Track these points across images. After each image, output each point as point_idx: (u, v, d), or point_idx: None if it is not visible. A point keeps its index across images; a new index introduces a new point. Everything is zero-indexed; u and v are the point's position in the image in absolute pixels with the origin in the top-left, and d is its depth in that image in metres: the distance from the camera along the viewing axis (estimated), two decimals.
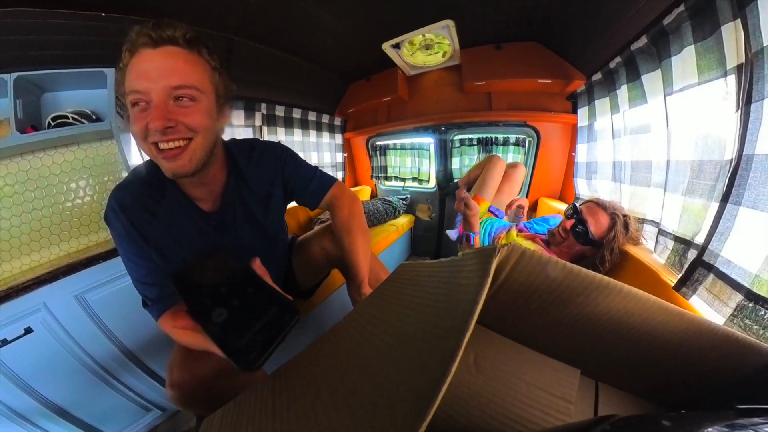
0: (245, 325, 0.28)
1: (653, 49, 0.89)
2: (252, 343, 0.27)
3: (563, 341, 0.37)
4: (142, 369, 1.05)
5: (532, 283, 0.28)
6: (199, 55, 0.51)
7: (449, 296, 0.28)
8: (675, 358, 0.35)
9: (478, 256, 0.26)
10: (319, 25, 1.40)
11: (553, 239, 0.99)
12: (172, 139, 0.49)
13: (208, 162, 0.56)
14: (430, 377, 0.20)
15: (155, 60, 0.47)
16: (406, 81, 1.96)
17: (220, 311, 0.28)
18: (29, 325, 0.84)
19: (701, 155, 0.72)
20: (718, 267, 0.59)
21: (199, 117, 0.51)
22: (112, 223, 0.57)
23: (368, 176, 2.44)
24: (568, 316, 0.32)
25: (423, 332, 0.27)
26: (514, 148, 1.77)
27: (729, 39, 0.64)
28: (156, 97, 0.47)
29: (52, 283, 0.88)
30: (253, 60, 1.52)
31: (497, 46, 1.56)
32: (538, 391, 0.38)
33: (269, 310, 0.29)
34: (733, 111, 0.63)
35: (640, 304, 0.30)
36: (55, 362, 0.89)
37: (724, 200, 0.60)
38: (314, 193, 0.75)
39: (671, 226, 0.79)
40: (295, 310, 0.30)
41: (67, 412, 0.92)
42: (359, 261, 0.74)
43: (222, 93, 0.56)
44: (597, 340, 0.34)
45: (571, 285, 0.27)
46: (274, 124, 1.84)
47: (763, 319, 0.50)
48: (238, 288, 0.31)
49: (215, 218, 0.65)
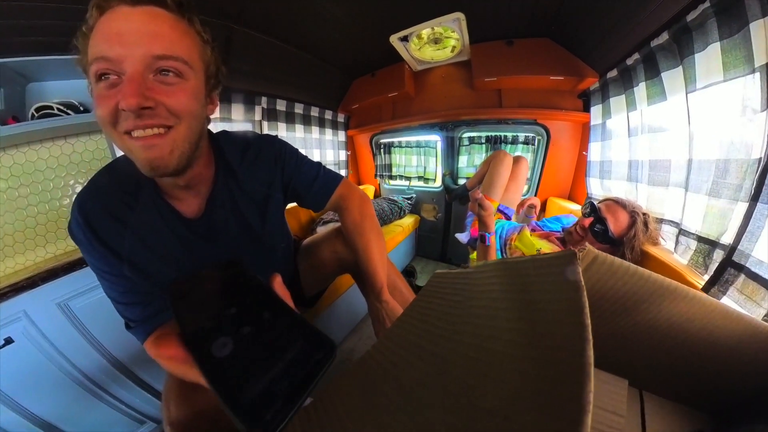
0: (259, 365, 0.19)
1: (674, 46, 0.88)
2: (269, 393, 0.18)
3: (614, 352, 0.35)
4: (133, 381, 0.99)
5: (600, 289, 0.27)
6: (189, 24, 0.42)
7: (529, 319, 0.22)
8: (727, 363, 0.34)
9: (555, 264, 0.23)
10: (323, 15, 1.33)
11: (570, 238, 0.98)
12: (149, 125, 0.38)
13: (192, 157, 0.45)
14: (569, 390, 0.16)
15: (134, 20, 0.36)
16: (412, 76, 1.92)
17: (223, 341, 0.20)
18: (9, 335, 0.78)
19: (726, 154, 0.70)
20: (749, 267, 0.58)
21: (184, 98, 0.40)
22: (76, 236, 0.48)
23: (372, 175, 2.40)
24: (627, 325, 0.30)
25: (520, 372, 0.20)
26: (523, 147, 1.75)
27: (758, 36, 0.63)
28: (131, 68, 0.36)
29: (32, 290, 0.81)
30: (254, 51, 1.43)
31: (509, 42, 1.54)
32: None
33: (293, 346, 0.20)
34: (760, 108, 0.62)
35: (703, 309, 0.29)
36: (39, 374, 0.83)
37: (753, 199, 0.59)
38: (319, 194, 0.67)
39: (694, 226, 0.78)
40: (332, 344, 0.21)
41: (55, 428, 0.86)
42: (376, 265, 0.68)
43: (213, 73, 0.46)
44: (652, 348, 0.33)
45: (640, 290, 0.26)
46: (275, 119, 1.79)
47: None
48: (251, 311, 0.23)
49: (201, 225, 0.54)
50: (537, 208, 1.29)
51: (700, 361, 0.34)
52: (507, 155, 1.32)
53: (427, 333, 0.31)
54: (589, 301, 0.29)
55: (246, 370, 0.19)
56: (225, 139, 0.57)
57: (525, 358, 0.20)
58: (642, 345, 0.32)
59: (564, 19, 1.31)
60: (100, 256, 0.48)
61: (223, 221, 0.56)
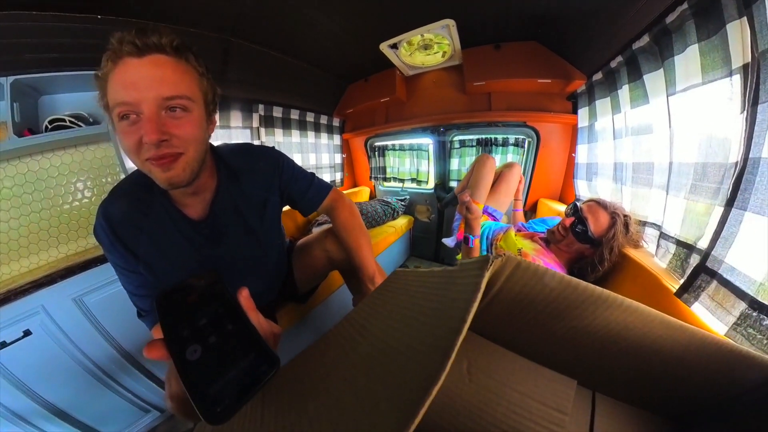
0: (219, 369, 0.24)
1: (655, 48, 0.88)
2: (222, 393, 0.23)
3: (560, 352, 0.35)
4: (140, 371, 1.05)
5: (528, 294, 0.27)
6: (186, 63, 0.49)
7: (439, 311, 0.27)
8: (676, 372, 0.33)
9: (471, 269, 0.24)
10: (315, 26, 1.39)
11: (553, 237, 0.97)
12: (165, 153, 0.48)
13: (200, 171, 0.55)
14: (410, 397, 0.19)
15: (142, 69, 0.45)
16: (404, 81, 1.94)
17: (195, 348, 0.25)
18: (28, 328, 0.84)
19: (705, 157, 0.70)
20: (721, 274, 0.57)
21: (191, 129, 0.50)
22: (100, 238, 0.57)
23: (367, 177, 2.42)
24: (564, 329, 0.30)
25: (409, 348, 0.26)
26: (513, 149, 1.75)
27: (734, 38, 0.62)
28: (147, 109, 0.45)
29: (50, 286, 0.88)
30: (250, 61, 1.51)
31: (496, 46, 1.54)
32: (531, 401, 0.36)
33: (246, 356, 0.25)
34: (738, 112, 0.61)
35: (640, 318, 0.28)
36: (53, 364, 0.89)
37: (728, 205, 0.58)
38: (312, 199, 0.76)
39: (673, 230, 0.77)
40: (275, 360, 0.26)
41: (66, 414, 0.92)
42: (365, 256, 0.77)
43: (210, 99, 0.55)
44: (594, 353, 0.33)
45: (569, 297, 0.26)
46: (271, 126, 1.84)
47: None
48: (218, 322, 0.27)
49: (206, 227, 0.63)
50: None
51: (648, 367, 0.33)
52: (489, 158, 1.33)
53: (367, 316, 0.37)
54: (517, 304, 0.30)
55: (208, 373, 0.24)
56: (226, 150, 0.67)
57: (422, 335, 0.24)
58: (587, 349, 0.32)
59: (550, 22, 1.31)
60: (120, 255, 0.56)
61: (226, 222, 0.64)
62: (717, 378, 0.33)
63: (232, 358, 0.25)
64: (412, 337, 0.26)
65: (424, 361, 0.22)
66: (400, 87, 1.91)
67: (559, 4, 1.19)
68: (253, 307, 0.32)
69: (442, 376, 0.18)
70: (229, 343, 0.26)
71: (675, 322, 0.29)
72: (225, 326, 0.27)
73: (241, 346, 0.26)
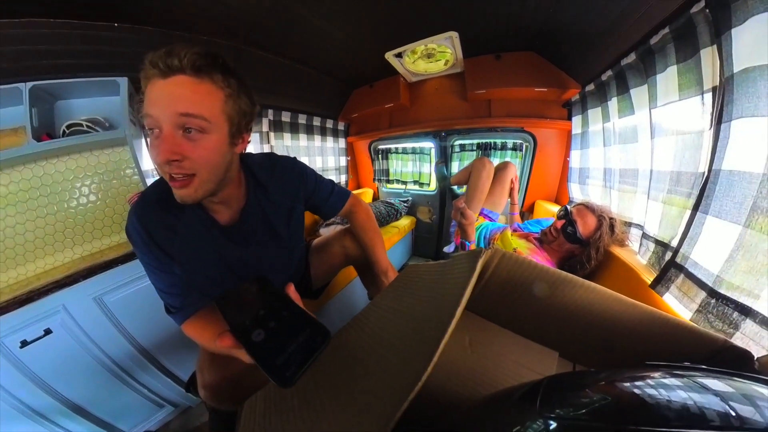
0: (282, 345, 0.30)
1: (641, 65, 0.96)
2: (288, 362, 0.29)
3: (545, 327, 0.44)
4: (157, 367, 1.09)
5: (513, 278, 0.35)
6: (211, 83, 0.50)
7: (441, 293, 0.35)
8: (634, 346, 0.41)
9: (468, 257, 0.33)
10: (324, 36, 1.45)
11: (545, 238, 1.06)
12: (177, 173, 0.50)
13: (219, 187, 0.57)
14: (416, 365, 0.26)
15: (164, 88, 0.47)
16: (407, 88, 2.02)
17: (259, 332, 0.31)
18: (48, 327, 0.87)
19: (679, 166, 0.78)
20: (687, 268, 0.66)
21: (205, 153, 0.50)
22: (133, 239, 0.58)
23: (370, 179, 2.50)
24: (544, 306, 0.39)
25: (421, 320, 0.35)
26: (511, 153, 1.84)
27: (707, 62, 0.70)
28: (165, 126, 0.47)
29: (71, 286, 0.91)
30: (261, 68, 1.57)
31: (497, 56, 1.63)
32: (522, 368, 0.45)
33: (303, 332, 0.31)
34: (707, 128, 0.70)
35: (600, 296, 0.37)
36: (73, 362, 0.92)
37: (695, 209, 0.67)
38: (333, 205, 0.84)
39: (653, 230, 0.86)
40: (327, 332, 0.32)
41: (83, 410, 0.95)
42: (380, 253, 0.87)
43: (237, 121, 0.54)
44: (570, 326, 0.42)
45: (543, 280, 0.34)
46: (280, 130, 1.90)
47: (723, 314, 0.57)
48: (274, 311, 0.34)
49: (235, 232, 0.66)
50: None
51: (612, 338, 0.42)
52: (487, 164, 1.32)
53: (396, 298, 0.45)
54: (505, 287, 0.38)
55: (274, 348, 0.30)
56: (254, 161, 0.70)
57: (431, 307, 0.30)
58: (562, 322, 0.41)
59: (547, 34, 1.39)
60: (154, 257, 0.58)
61: (254, 228, 0.68)
62: (668, 350, 0.41)
63: (292, 335, 0.31)
64: (419, 319, 0.35)
65: (433, 327, 0.30)
66: (404, 93, 1.99)
67: (555, 21, 1.27)
68: (298, 298, 0.39)
69: (444, 340, 0.26)
70: (287, 325, 0.33)
71: (627, 300, 0.38)
72: (281, 313, 0.34)
73: (298, 325, 0.33)
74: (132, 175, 1.31)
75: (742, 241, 0.55)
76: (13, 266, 1.07)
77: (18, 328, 0.83)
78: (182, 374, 1.14)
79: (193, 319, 0.60)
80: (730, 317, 0.55)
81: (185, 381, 1.04)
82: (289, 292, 0.38)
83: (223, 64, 0.51)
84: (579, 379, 0.24)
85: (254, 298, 0.36)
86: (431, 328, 0.31)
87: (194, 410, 1.19)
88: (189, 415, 1.18)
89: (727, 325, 0.55)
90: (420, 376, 0.24)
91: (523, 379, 0.44)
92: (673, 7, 0.79)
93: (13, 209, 1.07)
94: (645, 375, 0.23)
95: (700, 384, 0.21)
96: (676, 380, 0.21)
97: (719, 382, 0.22)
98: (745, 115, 0.57)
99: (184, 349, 1.13)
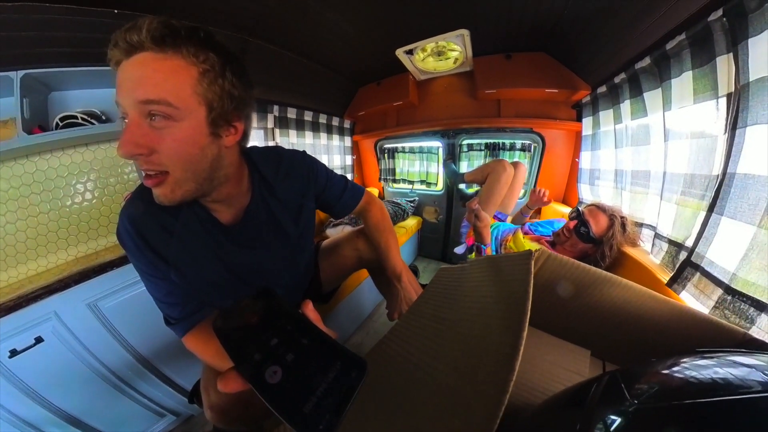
0: (307, 386, 0.23)
1: (656, 69, 0.98)
2: (319, 409, 0.22)
3: (576, 327, 0.46)
4: (156, 375, 1.03)
5: (553, 279, 0.38)
6: (179, 57, 0.40)
7: (500, 293, 0.35)
8: (663, 339, 0.44)
9: (518, 258, 0.35)
10: (333, 29, 1.40)
11: (558, 239, 1.09)
12: (145, 169, 0.42)
13: (207, 187, 0.49)
14: (501, 368, 0.27)
15: (126, 70, 0.40)
16: (416, 86, 2.02)
17: (273, 369, 0.23)
18: (39, 335, 0.81)
19: (693, 169, 0.81)
20: (703, 267, 0.69)
21: (175, 144, 0.41)
22: (125, 243, 0.52)
23: (376, 178, 2.50)
24: (580, 306, 0.42)
25: (485, 329, 0.34)
26: (520, 154, 1.86)
27: (722, 69, 0.72)
28: (129, 115, 0.40)
29: (63, 292, 0.84)
30: (267, 62, 1.51)
31: (507, 56, 1.64)
32: (557, 368, 0.47)
33: (332, 366, 0.24)
34: (721, 132, 0.73)
35: (635, 294, 0.40)
36: (66, 371, 0.86)
37: (710, 210, 0.70)
38: (347, 203, 0.78)
39: (666, 231, 0.89)
40: (363, 362, 0.24)
41: (78, 421, 0.90)
42: (394, 255, 0.81)
43: (218, 105, 0.44)
44: (603, 324, 0.44)
45: (583, 279, 0.37)
46: (285, 127, 1.87)
47: (739, 310, 0.60)
48: (291, 340, 0.26)
49: (238, 233, 0.59)
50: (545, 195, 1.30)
51: (642, 335, 0.45)
52: (508, 168, 1.30)
53: (437, 307, 0.44)
54: (547, 287, 0.41)
55: (297, 391, 0.22)
56: (258, 155, 0.62)
57: (495, 312, 0.32)
58: (596, 322, 0.43)
59: (559, 35, 1.41)
60: (149, 262, 0.52)
61: (259, 228, 0.62)
62: (696, 343, 0.43)
63: (319, 372, 0.23)
64: (483, 322, 0.35)
65: (501, 340, 0.30)
66: (413, 92, 1.99)
67: (569, 21, 1.29)
68: (319, 319, 0.30)
69: (521, 345, 0.27)
70: (310, 357, 0.25)
71: (660, 297, 0.40)
72: (300, 342, 0.26)
73: (324, 358, 0.25)
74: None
75: (756, 241, 0.58)
76: (4, 268, 0.98)
77: (6, 337, 0.77)
78: (184, 382, 1.08)
79: (195, 331, 0.54)
80: (746, 313, 0.58)
81: (188, 390, 1.00)
82: (306, 312, 0.30)
83: (194, 33, 0.42)
84: (650, 367, 0.26)
85: (261, 321, 0.27)
86: (500, 334, 0.30)
87: (197, 419, 1.12)
88: (192, 424, 1.12)
89: (743, 320, 0.58)
90: (508, 384, 0.24)
91: (561, 379, 0.46)
92: (688, 13, 0.81)
93: (3, 208, 0.98)
94: (710, 358, 0.25)
95: (745, 363, 0.24)
96: (736, 357, 0.24)
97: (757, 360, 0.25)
98: (760, 122, 0.60)
99: (186, 356, 1.04)
